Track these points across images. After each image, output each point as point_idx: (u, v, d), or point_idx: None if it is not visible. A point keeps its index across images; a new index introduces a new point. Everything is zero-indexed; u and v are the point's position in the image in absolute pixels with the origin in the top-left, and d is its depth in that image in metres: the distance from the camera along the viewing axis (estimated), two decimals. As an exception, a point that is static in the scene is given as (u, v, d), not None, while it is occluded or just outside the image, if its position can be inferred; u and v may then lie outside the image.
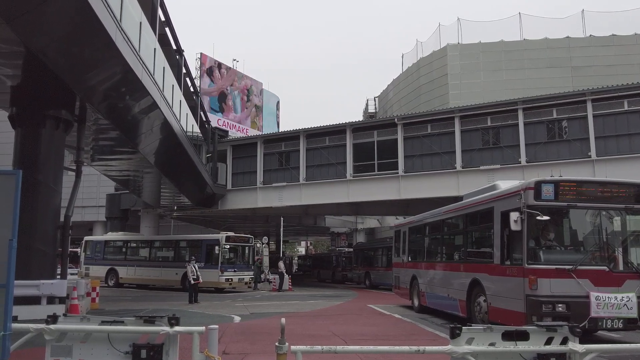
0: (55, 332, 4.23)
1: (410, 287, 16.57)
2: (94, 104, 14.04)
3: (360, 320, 13.62)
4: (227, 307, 17.21)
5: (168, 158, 21.39)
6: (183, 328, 4.24)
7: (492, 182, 12.50)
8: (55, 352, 4.24)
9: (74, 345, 4.25)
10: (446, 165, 24.73)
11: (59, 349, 4.24)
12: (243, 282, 25.88)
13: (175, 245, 28.02)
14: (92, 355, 4.25)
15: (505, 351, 4.18)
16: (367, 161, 27.25)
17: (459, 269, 12.61)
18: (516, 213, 9.27)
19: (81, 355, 4.24)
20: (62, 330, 4.25)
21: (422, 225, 16.19)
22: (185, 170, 23.72)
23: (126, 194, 34.08)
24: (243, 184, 30.72)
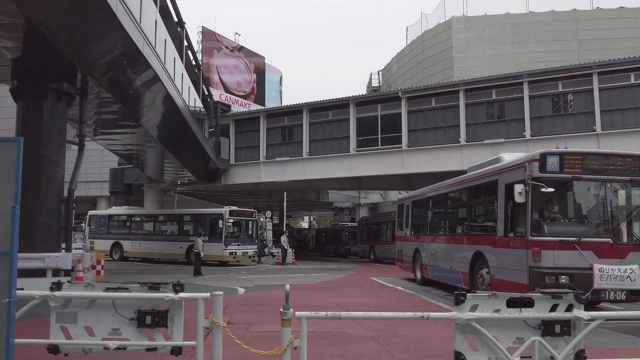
0: (60, 299, 4.24)
1: (413, 260, 16.66)
2: (96, 77, 13.92)
3: (363, 293, 13.72)
4: (232, 280, 17.36)
5: (171, 132, 21.32)
6: (188, 294, 4.24)
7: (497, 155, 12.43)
8: (60, 318, 4.26)
9: (78, 312, 4.26)
10: (450, 139, 24.60)
11: (64, 316, 4.26)
12: (247, 255, 26.05)
13: (179, 220, 28.15)
14: (97, 322, 4.26)
15: (509, 318, 4.17)
16: (370, 135, 27.12)
17: (462, 241, 12.63)
18: (520, 185, 9.22)
19: (86, 321, 4.26)
20: (66, 297, 4.26)
21: (425, 199, 16.19)
22: (188, 144, 23.66)
23: (130, 168, 34.10)
24: (246, 159, 30.68)
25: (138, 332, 4.27)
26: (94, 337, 4.23)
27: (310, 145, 28.46)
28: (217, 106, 31.72)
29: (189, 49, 24.37)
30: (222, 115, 32.00)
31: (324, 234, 47.02)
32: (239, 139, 31.22)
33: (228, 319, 8.71)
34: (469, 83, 24.68)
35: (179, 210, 31.46)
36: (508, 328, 4.19)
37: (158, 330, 4.28)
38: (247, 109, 44.39)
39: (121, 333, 4.27)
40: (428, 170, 24.72)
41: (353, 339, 7.29)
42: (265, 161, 29.76)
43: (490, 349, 4.14)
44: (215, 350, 4.16)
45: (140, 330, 4.27)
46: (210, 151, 27.38)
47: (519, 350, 4.13)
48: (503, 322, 4.19)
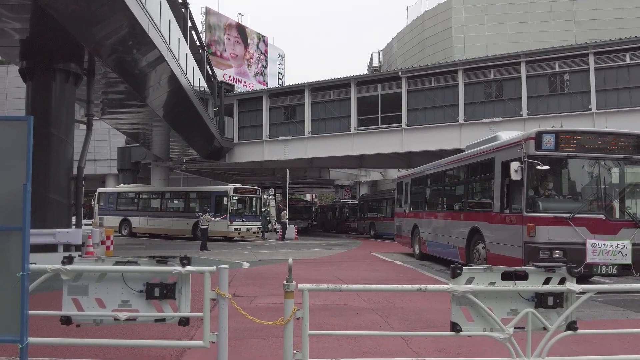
0: (72, 272, 4.28)
1: (412, 235, 16.74)
2: (102, 57, 13.84)
3: (363, 267, 13.84)
4: (236, 255, 17.50)
5: (176, 111, 21.27)
6: (195, 267, 4.28)
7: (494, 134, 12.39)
8: (72, 291, 4.30)
9: (89, 285, 4.30)
10: (449, 118, 24.50)
11: (76, 288, 4.30)
12: (251, 231, 26.21)
13: (185, 197, 28.25)
14: (107, 294, 4.30)
15: (504, 290, 4.21)
16: (371, 115, 27.01)
17: (459, 217, 12.67)
18: (517, 163, 9.21)
19: (97, 294, 4.30)
20: (77, 270, 4.29)
21: (424, 176, 16.19)
22: (193, 123, 23.63)
23: (136, 147, 34.08)
24: (250, 138, 30.64)
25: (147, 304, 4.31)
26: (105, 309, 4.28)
27: (312, 124, 28.37)
28: (221, 86, 31.56)
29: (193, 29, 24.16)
30: (226, 95, 31.85)
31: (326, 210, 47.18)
32: (243, 118, 31.13)
33: (233, 291, 8.80)
34: (468, 63, 24.47)
35: (185, 188, 31.56)
36: (503, 300, 4.23)
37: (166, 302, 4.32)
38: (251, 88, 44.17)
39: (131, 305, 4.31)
40: (427, 148, 24.68)
41: (353, 311, 7.38)
42: (269, 140, 29.72)
43: (485, 320, 4.19)
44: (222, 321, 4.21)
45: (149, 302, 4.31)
46: (214, 130, 27.33)
47: (512, 321, 4.17)
48: (498, 295, 4.23)
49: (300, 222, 38.82)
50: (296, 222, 37.95)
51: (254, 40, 51.02)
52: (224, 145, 30.11)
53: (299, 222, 38.65)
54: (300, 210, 41.19)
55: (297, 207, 41.22)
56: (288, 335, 4.08)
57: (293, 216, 37.90)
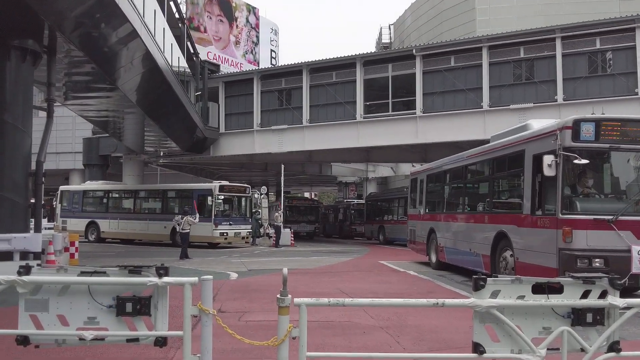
0: (29, 285, 4.27)
1: (428, 241, 16.76)
2: (65, 33, 13.80)
3: (370, 278, 13.85)
4: (223, 264, 17.51)
5: (152, 96, 21.26)
6: (173, 279, 4.28)
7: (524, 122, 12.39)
8: (29, 306, 4.30)
9: (50, 299, 4.30)
10: (472, 103, 24.48)
11: (34, 303, 4.29)
12: (239, 236, 26.23)
13: (163, 196, 28.29)
14: (71, 310, 4.30)
15: (535, 305, 4.21)
16: (380, 100, 26.97)
17: (483, 220, 12.68)
18: (550, 156, 9.19)
19: (59, 309, 4.30)
20: (36, 282, 4.28)
21: (441, 172, 16.19)
22: (171, 110, 23.61)
23: (106, 138, 34.10)
24: (238, 127, 30.63)
25: (117, 321, 4.32)
26: (68, 327, 4.28)
27: (311, 111, 28.36)
28: (205, 66, 31.56)
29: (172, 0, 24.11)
30: (210, 76, 31.85)
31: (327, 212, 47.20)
32: (230, 104, 31.12)
33: (219, 306, 8.81)
34: (494, 39, 24.43)
35: (163, 186, 31.57)
36: (533, 317, 4.23)
37: (140, 318, 4.33)
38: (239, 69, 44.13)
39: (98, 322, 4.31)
40: (446, 139, 24.66)
41: (359, 329, 7.38)
42: (260, 129, 29.71)
43: (513, 339, 4.19)
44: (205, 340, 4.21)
45: (119, 319, 4.32)
46: (196, 118, 27.32)
47: (545, 341, 4.17)
48: (528, 310, 4.23)
49: (305, 225, 38.04)
50: (300, 225, 37.48)
51: (243, 12, 50.94)
52: (208, 135, 30.10)
53: (303, 225, 37.78)
54: (305, 211, 40.05)
55: (301, 207, 40.25)
56: (282, 357, 4.08)
57: (296, 218, 37.62)
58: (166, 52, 20.13)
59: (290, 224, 35.30)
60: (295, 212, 39.18)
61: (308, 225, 38.34)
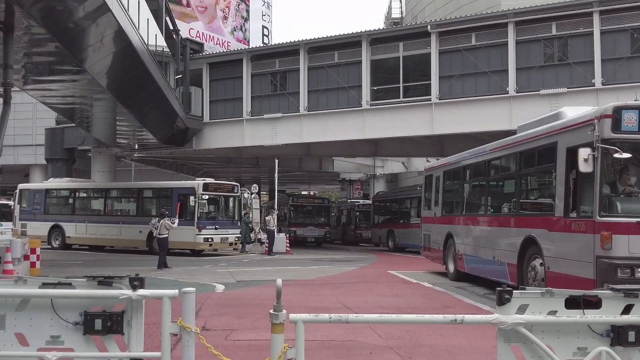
0: (-17, 298, 4.29)
1: (444, 248, 16.78)
2: (24, 7, 13.79)
3: (378, 290, 13.88)
4: (207, 274, 17.52)
5: (125, 80, 21.25)
6: (149, 291, 4.28)
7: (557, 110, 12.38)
8: (-17, 323, 4.31)
9: (7, 315, 4.30)
10: (495, 88, 24.46)
11: (-11, 320, 4.31)
12: (227, 242, 26.25)
13: (138, 195, 28.27)
14: (31, 327, 4.30)
15: (569, 322, 4.20)
16: (389, 84, 26.94)
17: (508, 223, 12.68)
18: (587, 149, 9.18)
19: (17, 327, 4.30)
20: (-9, 295, 4.30)
21: (460, 168, 16.20)
22: (147, 95, 23.60)
23: (72, 128, 34.03)
24: (225, 115, 30.61)
25: (85, 341, 4.32)
26: (28, 347, 4.29)
27: (310, 97, 28.34)
28: (186, 45, 31.51)
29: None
30: (193, 57, 31.80)
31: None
32: (216, 89, 31.09)
33: (203, 323, 8.82)
34: (522, 13, 24.38)
35: (138, 184, 31.54)
36: (567, 335, 4.23)
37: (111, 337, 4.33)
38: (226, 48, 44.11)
39: (63, 342, 4.31)
40: (465, 130, 24.65)
41: (365, 350, 7.39)
42: (251, 118, 29.70)
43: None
44: (186, 363, 4.22)
45: (87, 337, 4.32)
46: (177, 105, 27.31)
47: (580, 363, 4.18)
48: (560, 328, 4.23)
49: (312, 229, 36.66)
50: (307, 229, 36.58)
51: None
52: (190, 125, 30.08)
53: (310, 229, 36.49)
54: (312, 212, 38.36)
55: (307, 207, 38.66)
56: (276, 382, 4.08)
57: (302, 221, 36.90)
58: (141, 29, 20.12)
59: (294, 228, 34.97)
60: (301, 214, 37.88)
61: (316, 230, 36.63)
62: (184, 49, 31.00)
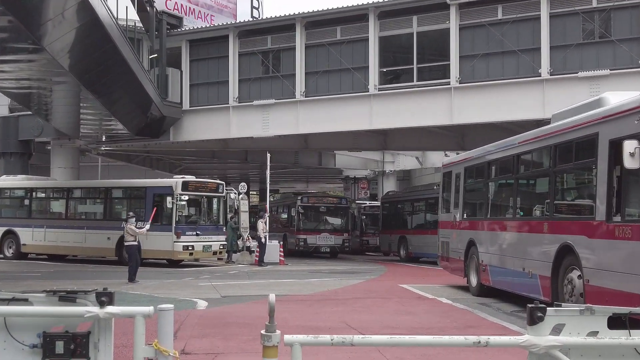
0: None
1: (466, 258, 16.76)
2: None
3: (388, 307, 13.90)
4: (188, 288, 17.54)
5: (90, 60, 21.22)
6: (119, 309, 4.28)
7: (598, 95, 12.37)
8: None
9: (-48, 336, 4.31)
10: (526, 70, 24.43)
11: None
12: (210, 251, 26.21)
13: (106, 196, 28.23)
14: (-19, 351, 4.32)
15: (613, 344, 4.20)
16: (401, 65, 26.95)
17: (541, 229, 12.67)
18: (633, 142, 9.18)
19: (-36, 350, 4.31)
20: None
21: (484, 163, 16.18)
22: (116, 78, 23.57)
23: (28, 116, 33.98)
24: (207, 102, 30.60)
25: (44, 367, 4.32)
26: (-23, 374, 4.29)
27: (308, 80, 28.31)
28: (162, 19, 31.42)
29: None
30: (170, 33, 31.73)
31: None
32: (197, 71, 31.07)
33: (182, 346, 8.82)
34: (557, -18, 24.38)
35: (106, 182, 31.53)
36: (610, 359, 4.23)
37: (75, 363, 4.34)
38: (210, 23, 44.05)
39: (19, 367, 4.32)
40: (490, 119, 24.66)
41: (373, 377, 7.39)
42: (238, 105, 29.67)
43: (583, 391, 4.20)
44: (163, 393, 4.23)
45: (47, 363, 4.32)
46: (151, 90, 27.28)
47: (626, 393, 4.19)
48: (603, 352, 4.23)
49: (327, 237, 34.28)
50: (320, 236, 33.96)
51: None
52: (167, 114, 30.03)
53: (324, 237, 34.19)
54: (328, 215, 36.06)
55: (321, 209, 36.12)
56: (269, 415, 4.09)
57: (314, 226, 35.07)
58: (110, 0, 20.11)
59: (304, 235, 34.08)
60: (313, 217, 36.06)
61: (332, 237, 34.63)
62: (160, 23, 30.93)
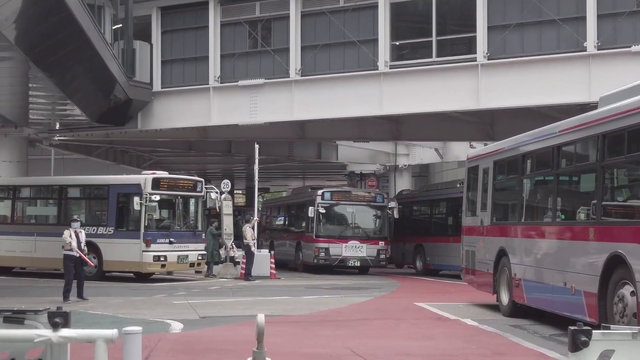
0: None
1: (496, 270, 16.73)
2: None
3: (401, 330, 13.89)
4: (159, 307, 17.56)
5: (41, 32, 21.20)
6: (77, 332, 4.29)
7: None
8: None
9: None
10: (568, 43, 24.37)
11: None
12: (186, 262, 26.15)
13: (60, 196, 28.21)
14: None
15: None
16: (417, 38, 26.92)
17: (586, 236, 12.66)
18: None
19: None
20: None
21: (518, 157, 16.16)
22: (73, 54, 23.54)
23: (-36, 100, 34.04)
24: (183, 82, 30.56)
25: (-14, 402, 4.34)
26: None
27: (305, 56, 28.27)
28: (128, -18, 31.42)
29: None
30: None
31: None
32: (170, 45, 31.01)
33: (152, 377, 8.85)
34: None
35: (61, 179, 31.50)
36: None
37: (23, 397, 4.36)
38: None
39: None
40: (525, 102, 24.65)
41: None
42: (220, 86, 29.63)
43: None
44: None
45: (-11, 397, 4.34)
46: (115, 67, 27.23)
47: None
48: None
49: (356, 246, 30.79)
50: (348, 246, 30.47)
51: None
52: (135, 96, 29.94)
53: (353, 246, 30.69)
54: (357, 217, 32.36)
55: (348, 208, 32.48)
56: None
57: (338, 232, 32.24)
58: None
59: (325, 243, 30.61)
60: (338, 219, 33.22)
61: (364, 247, 30.97)
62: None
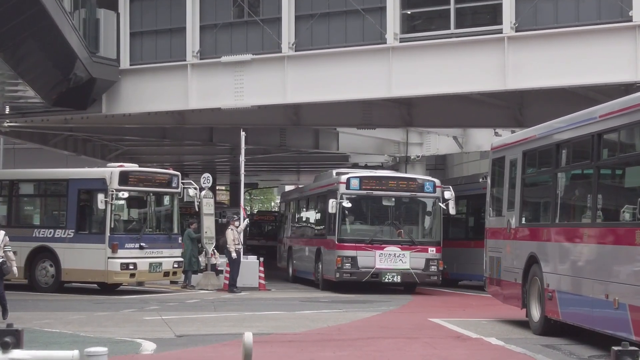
0: None
1: (525, 280, 16.76)
2: None
3: (414, 351, 13.92)
4: (128, 324, 17.57)
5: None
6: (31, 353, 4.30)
7: None
8: None
9: None
10: (610, 14, 24.34)
11: None
12: (160, 271, 26.20)
13: (10, 192, 28.24)
14: None
15: None
16: (432, 6, 26.94)
17: (631, 240, 12.68)
18: None
19: None
20: None
21: (552, 146, 16.17)
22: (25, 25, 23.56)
23: None
24: (156, 58, 30.56)
25: None
26: None
27: (299, 27, 28.27)
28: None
29: None
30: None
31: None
32: (140, 14, 31.01)
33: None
34: None
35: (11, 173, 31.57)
36: None
37: None
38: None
39: None
40: (559, 82, 24.64)
41: None
42: (200, 63, 29.65)
43: None
44: None
45: None
46: (75, 41, 27.22)
47: None
48: None
49: (396, 253, 27.33)
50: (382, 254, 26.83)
51: None
52: (98, 75, 29.90)
53: (391, 254, 27.26)
54: (397, 210, 29.37)
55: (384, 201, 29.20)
56: None
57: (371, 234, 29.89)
58: None
59: (351, 250, 27.47)
60: (371, 217, 30.37)
61: (408, 255, 27.65)
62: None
